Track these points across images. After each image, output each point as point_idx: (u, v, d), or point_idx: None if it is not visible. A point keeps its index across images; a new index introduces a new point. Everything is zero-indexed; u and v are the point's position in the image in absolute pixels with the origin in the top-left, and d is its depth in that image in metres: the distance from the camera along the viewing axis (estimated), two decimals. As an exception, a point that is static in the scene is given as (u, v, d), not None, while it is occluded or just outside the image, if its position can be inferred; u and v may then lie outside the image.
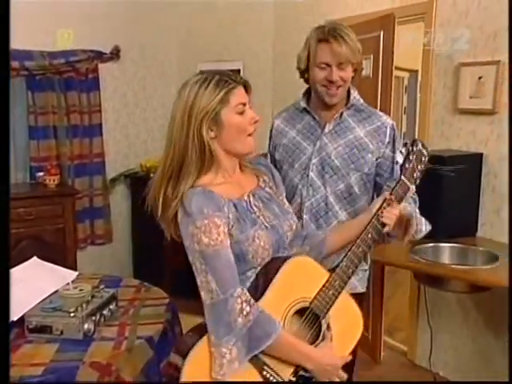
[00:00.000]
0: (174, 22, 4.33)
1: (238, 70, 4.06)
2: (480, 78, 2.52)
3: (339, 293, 1.35)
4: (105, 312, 1.75)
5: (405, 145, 1.45)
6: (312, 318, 1.35)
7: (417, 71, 5.35)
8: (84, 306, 1.67)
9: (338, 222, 1.77)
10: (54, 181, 3.56)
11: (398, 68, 5.81)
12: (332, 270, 1.36)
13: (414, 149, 1.41)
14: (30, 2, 3.45)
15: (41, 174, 3.58)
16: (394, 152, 1.74)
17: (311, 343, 1.34)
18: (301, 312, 1.34)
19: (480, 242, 2.52)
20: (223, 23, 4.07)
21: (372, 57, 2.97)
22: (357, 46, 1.70)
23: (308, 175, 1.76)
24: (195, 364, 1.26)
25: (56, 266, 2.06)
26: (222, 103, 1.30)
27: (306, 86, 1.86)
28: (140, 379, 1.57)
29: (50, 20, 3.63)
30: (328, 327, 1.36)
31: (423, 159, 1.42)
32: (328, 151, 1.75)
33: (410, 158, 1.40)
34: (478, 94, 2.54)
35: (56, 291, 1.79)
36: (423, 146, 1.43)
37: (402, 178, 1.39)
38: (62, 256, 3.39)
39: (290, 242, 1.42)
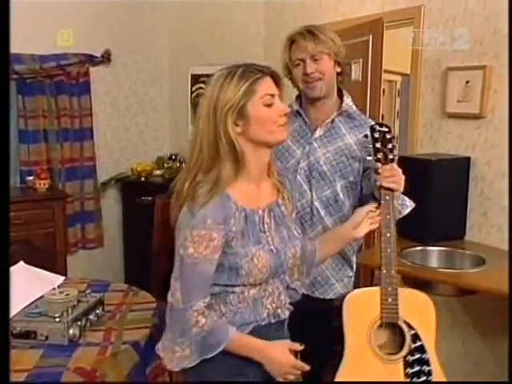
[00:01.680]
0: (165, 26, 4.34)
1: (230, 74, 4.07)
2: (467, 82, 2.53)
3: (396, 294, 1.51)
4: (91, 317, 1.74)
5: (365, 136, 1.51)
6: (392, 329, 1.53)
7: (409, 75, 5.38)
8: (69, 310, 1.66)
9: (322, 227, 1.77)
10: (44, 185, 3.54)
11: (390, 72, 5.84)
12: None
13: (375, 135, 1.47)
14: (22, 5, 3.44)
15: (31, 178, 3.57)
16: None
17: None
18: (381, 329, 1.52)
19: (468, 245, 2.53)
20: (214, 27, 4.08)
21: (361, 61, 2.98)
22: (329, 38, 1.73)
23: (295, 178, 1.74)
24: None
25: (42, 271, 2.05)
26: (248, 95, 1.24)
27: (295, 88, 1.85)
28: (126, 384, 1.57)
29: (42, 23, 3.62)
30: (409, 326, 1.54)
31: (388, 136, 1.48)
32: (317, 156, 1.76)
33: (376, 145, 1.46)
34: (465, 98, 2.56)
35: (42, 296, 1.78)
36: (381, 125, 1.49)
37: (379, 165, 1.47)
38: (52, 260, 3.38)
39: None
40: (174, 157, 4.23)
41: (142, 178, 4.10)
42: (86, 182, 3.97)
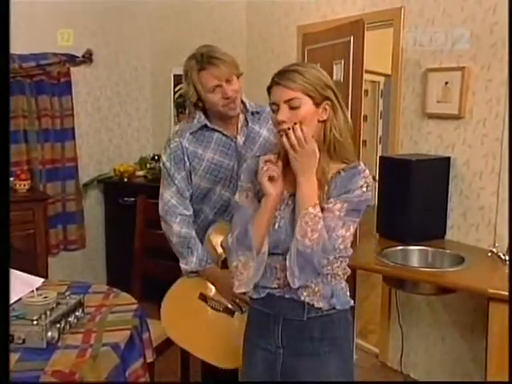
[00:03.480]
0: (146, 26, 4.31)
1: (212, 75, 4.06)
2: (446, 83, 2.57)
3: None
4: (70, 319, 1.72)
5: None
6: None
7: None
8: (48, 313, 1.63)
9: None
10: (24, 186, 3.50)
11: (373, 72, 5.90)
12: None
13: None
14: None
15: (11, 179, 3.52)
16: None
17: None
18: None
19: (448, 244, 2.56)
20: (196, 28, 4.07)
21: (342, 62, 3.00)
22: (232, 61, 1.84)
23: (234, 187, 1.82)
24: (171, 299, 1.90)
25: (21, 273, 2.03)
26: None
27: None
28: (105, 387, 1.55)
29: (22, 23, 3.58)
30: None
31: None
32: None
33: None
34: (444, 99, 2.59)
35: (19, 299, 1.76)
36: None
37: None
38: (32, 262, 3.34)
39: None
40: (156, 157, 4.20)
41: (125, 179, 4.07)
42: (67, 183, 3.93)
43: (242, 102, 1.93)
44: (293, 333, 1.46)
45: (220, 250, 1.89)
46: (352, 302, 1.53)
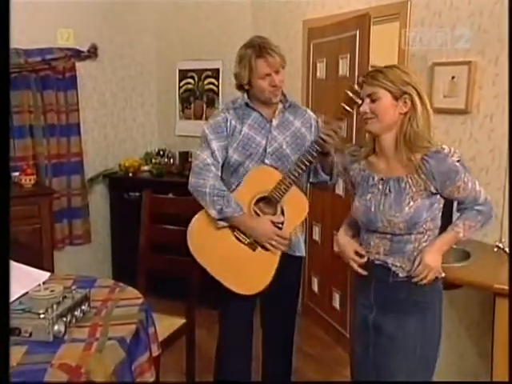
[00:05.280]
0: (152, 21, 4.31)
1: (217, 69, 4.06)
2: (453, 77, 2.55)
3: (288, 187, 2.01)
4: (76, 313, 1.73)
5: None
6: (271, 204, 2.06)
7: (396, 71, 5.40)
8: (54, 307, 1.64)
9: None
10: (30, 181, 3.52)
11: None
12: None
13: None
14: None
15: (16, 173, 3.53)
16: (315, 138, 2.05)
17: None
18: (264, 200, 2.07)
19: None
20: (201, 22, 4.07)
21: (348, 56, 2.99)
22: (282, 54, 2.08)
23: (264, 162, 2.11)
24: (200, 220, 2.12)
25: (27, 267, 2.03)
26: None
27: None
28: (111, 380, 1.55)
29: (28, 18, 3.58)
30: (282, 212, 2.05)
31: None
32: (279, 142, 2.12)
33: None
34: (451, 93, 2.58)
35: (26, 293, 1.76)
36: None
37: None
38: (38, 257, 3.36)
39: None
40: (161, 152, 4.22)
41: (130, 174, 4.09)
42: (72, 178, 3.94)
43: (283, 93, 2.14)
44: (382, 293, 1.75)
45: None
46: (442, 273, 1.76)
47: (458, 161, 1.69)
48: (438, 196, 1.69)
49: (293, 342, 2.38)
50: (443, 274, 1.76)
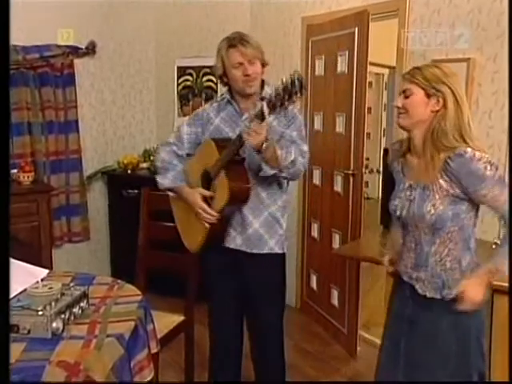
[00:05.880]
0: (150, 17, 4.30)
1: (216, 66, 4.05)
2: (452, 74, 2.54)
3: (221, 168, 2.02)
4: (75, 310, 1.72)
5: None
6: (208, 178, 2.12)
7: (395, 68, 5.40)
8: (53, 304, 1.64)
9: (254, 193, 2.09)
10: (28, 178, 3.51)
11: (377, 65, 5.86)
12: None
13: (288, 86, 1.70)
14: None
15: (15, 171, 3.53)
16: (289, 130, 2.08)
17: None
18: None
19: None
20: (200, 19, 4.06)
21: (347, 53, 2.99)
22: (258, 47, 2.08)
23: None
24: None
25: (26, 264, 2.03)
26: None
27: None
28: (110, 377, 1.55)
29: (27, 15, 3.57)
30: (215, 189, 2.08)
31: (292, 90, 1.70)
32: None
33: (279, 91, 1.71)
34: (450, 90, 2.57)
35: (24, 290, 1.76)
36: (294, 83, 1.69)
37: (263, 103, 1.75)
38: (37, 254, 3.36)
39: None
40: (160, 149, 4.21)
41: (129, 171, 4.08)
42: (71, 175, 3.94)
43: (263, 86, 2.13)
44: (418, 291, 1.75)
45: None
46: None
47: (495, 167, 1.59)
48: (468, 204, 1.65)
49: (278, 344, 2.29)
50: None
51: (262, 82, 2.14)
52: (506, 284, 1.91)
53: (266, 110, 1.76)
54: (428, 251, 1.70)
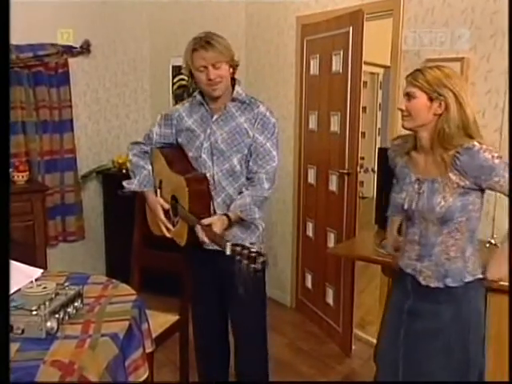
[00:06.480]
0: (145, 16, 4.29)
1: (211, 66, 4.05)
2: (446, 74, 2.55)
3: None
4: (69, 310, 1.72)
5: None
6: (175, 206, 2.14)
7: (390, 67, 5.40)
8: (47, 303, 1.63)
9: (225, 195, 2.11)
10: (22, 177, 3.51)
11: (372, 64, 5.87)
12: None
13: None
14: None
15: (9, 170, 3.52)
16: (262, 137, 2.07)
17: None
18: None
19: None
20: (195, 19, 4.05)
21: (342, 53, 2.99)
22: (224, 46, 2.03)
23: (201, 156, 2.12)
24: None
25: (20, 264, 2.02)
26: None
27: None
28: (104, 377, 1.55)
29: (20, 14, 3.55)
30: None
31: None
32: (215, 137, 2.10)
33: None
34: (444, 90, 2.58)
35: (19, 289, 1.76)
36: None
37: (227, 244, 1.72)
38: (31, 254, 3.35)
39: None
40: (155, 149, 4.21)
41: (123, 171, 4.07)
42: (66, 175, 3.93)
43: (234, 87, 2.12)
44: (419, 283, 1.80)
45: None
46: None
47: (500, 157, 1.65)
48: (475, 195, 1.71)
49: (256, 348, 2.27)
50: (481, 276, 1.78)
51: (234, 81, 2.12)
52: (500, 282, 1.93)
53: (228, 249, 1.72)
54: (434, 241, 1.74)
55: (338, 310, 3.24)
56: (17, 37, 3.49)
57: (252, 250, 1.72)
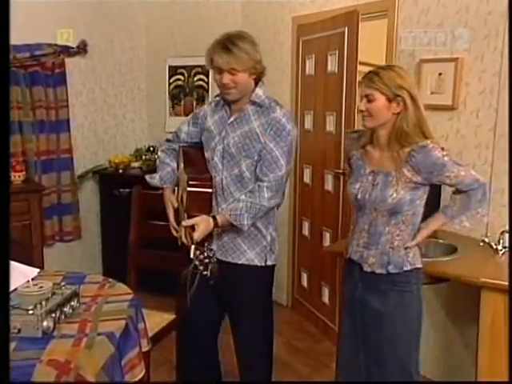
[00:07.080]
0: (142, 16, 4.29)
1: (207, 65, 4.05)
2: (440, 74, 2.57)
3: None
4: (65, 309, 1.73)
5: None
6: None
7: (386, 67, 5.40)
8: (43, 303, 1.64)
9: (233, 201, 2.02)
10: (19, 177, 3.50)
11: (367, 64, 5.89)
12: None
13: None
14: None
15: (9, 171, 3.52)
16: (273, 143, 1.97)
17: None
18: None
19: (441, 234, 2.57)
20: (191, 19, 4.06)
21: (337, 53, 3.01)
22: (244, 52, 1.93)
23: (213, 159, 2.07)
24: None
25: (16, 263, 2.02)
26: None
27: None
28: (101, 376, 1.55)
29: (17, 13, 3.55)
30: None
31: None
32: (228, 140, 2.04)
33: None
34: (438, 90, 2.60)
35: (15, 289, 1.76)
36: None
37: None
38: (28, 253, 3.35)
39: None
40: (151, 149, 4.21)
41: (120, 170, 4.08)
42: (62, 174, 3.93)
43: (250, 90, 2.02)
44: (365, 273, 1.92)
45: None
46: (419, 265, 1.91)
47: (447, 155, 1.79)
48: (423, 190, 1.84)
49: (256, 361, 2.22)
50: (420, 266, 1.92)
51: (257, 83, 2.03)
52: (493, 280, 1.95)
53: (191, 252, 1.86)
54: (382, 231, 1.87)
55: (334, 308, 3.25)
56: (13, 36, 3.48)
57: (209, 256, 1.83)
